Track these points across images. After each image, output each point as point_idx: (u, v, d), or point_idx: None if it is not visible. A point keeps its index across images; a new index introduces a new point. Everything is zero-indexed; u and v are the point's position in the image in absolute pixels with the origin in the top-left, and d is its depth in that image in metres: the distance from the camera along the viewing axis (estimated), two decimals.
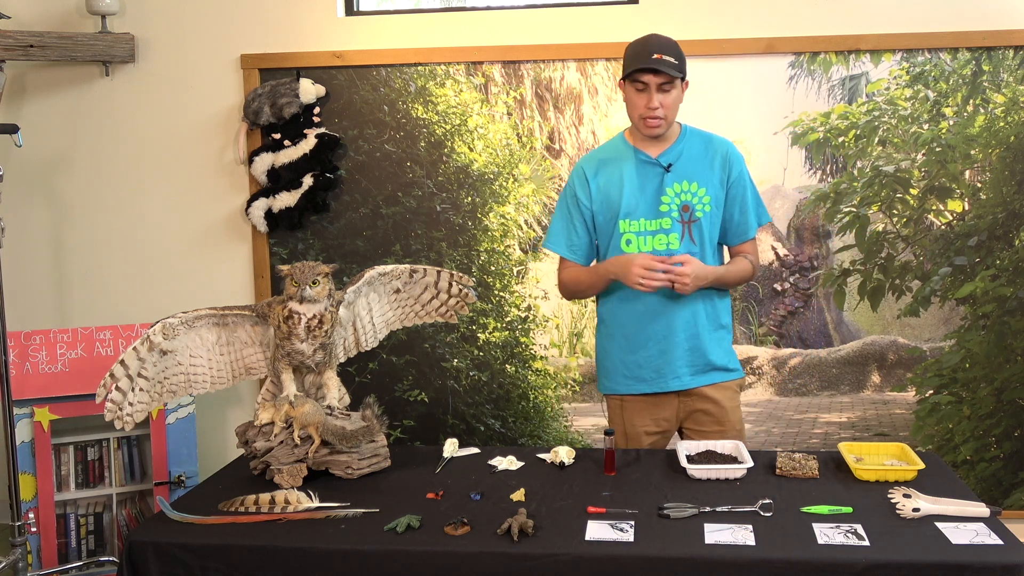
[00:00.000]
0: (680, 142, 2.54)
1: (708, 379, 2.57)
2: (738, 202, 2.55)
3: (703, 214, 2.50)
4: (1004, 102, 3.30)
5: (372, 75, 3.49)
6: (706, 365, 2.56)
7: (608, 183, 2.55)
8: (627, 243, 2.52)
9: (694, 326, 2.53)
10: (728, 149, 2.56)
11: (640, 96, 2.44)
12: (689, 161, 2.52)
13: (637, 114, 2.47)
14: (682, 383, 2.55)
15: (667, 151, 2.53)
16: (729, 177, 2.54)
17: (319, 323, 2.28)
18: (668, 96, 2.44)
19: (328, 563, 1.87)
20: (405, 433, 3.59)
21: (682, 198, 2.50)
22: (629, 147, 2.57)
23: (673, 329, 2.52)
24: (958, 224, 3.37)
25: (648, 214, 2.51)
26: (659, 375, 2.55)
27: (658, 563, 1.79)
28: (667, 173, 2.50)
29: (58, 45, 3.40)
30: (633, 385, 2.58)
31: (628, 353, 2.57)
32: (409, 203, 3.53)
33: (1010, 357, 3.37)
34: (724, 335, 2.61)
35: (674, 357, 2.53)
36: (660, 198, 2.50)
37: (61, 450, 3.21)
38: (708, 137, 2.58)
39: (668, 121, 2.48)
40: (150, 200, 3.65)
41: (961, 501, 1.96)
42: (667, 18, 3.38)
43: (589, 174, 2.58)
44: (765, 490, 2.09)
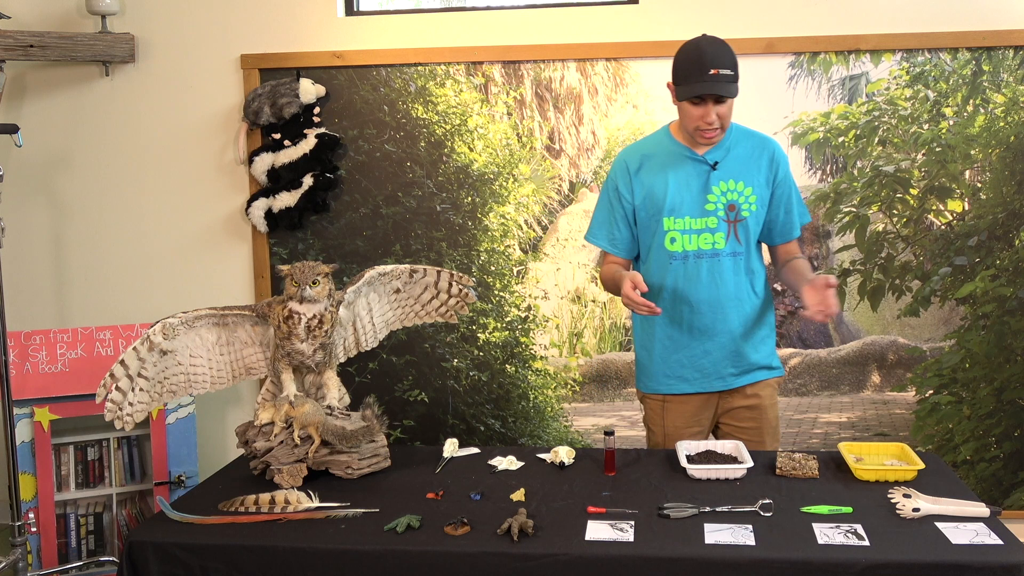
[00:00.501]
0: (727, 140, 2.50)
1: (750, 378, 2.55)
2: (783, 202, 2.53)
3: (749, 213, 2.47)
4: (1004, 102, 3.30)
5: (372, 75, 3.49)
6: (749, 365, 2.54)
7: (652, 178, 2.51)
8: (671, 241, 2.50)
9: (739, 326, 2.51)
10: (774, 149, 2.53)
11: (696, 108, 2.39)
12: (736, 160, 2.49)
13: (693, 125, 2.42)
14: (725, 383, 2.54)
15: (714, 149, 2.49)
16: (775, 177, 2.51)
17: (319, 323, 2.28)
18: (724, 106, 2.39)
19: (328, 563, 1.87)
20: (405, 433, 3.59)
21: (728, 197, 2.47)
22: (674, 143, 2.53)
23: (717, 330, 2.50)
24: (958, 224, 3.37)
25: (693, 212, 2.48)
26: (702, 375, 2.53)
27: (658, 563, 1.79)
28: (713, 171, 2.47)
29: (58, 45, 3.40)
30: (675, 385, 2.56)
31: (671, 352, 2.55)
32: (409, 203, 3.53)
33: (1010, 357, 3.37)
34: (768, 334, 2.58)
35: (718, 357, 2.52)
36: (706, 196, 2.47)
37: (61, 450, 3.21)
38: (755, 136, 2.55)
39: (724, 129, 2.44)
40: (150, 200, 3.65)
41: (961, 501, 1.96)
42: (667, 18, 3.38)
43: (632, 168, 2.54)
44: (765, 490, 2.09)
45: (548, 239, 3.53)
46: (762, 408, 2.56)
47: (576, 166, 3.50)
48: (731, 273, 2.49)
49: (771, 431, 2.56)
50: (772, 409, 2.59)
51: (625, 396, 3.55)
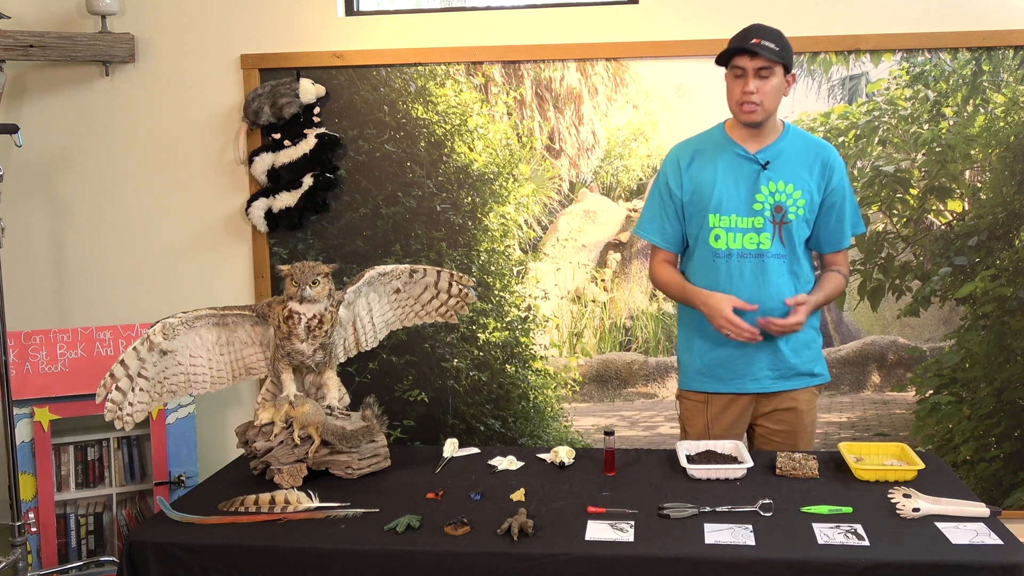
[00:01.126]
0: (781, 140, 2.48)
1: (789, 384, 2.52)
2: (835, 210, 2.49)
3: (795, 217, 2.44)
4: (1004, 102, 3.30)
5: (372, 75, 3.49)
6: (788, 369, 2.51)
7: (701, 173, 2.50)
8: (716, 238, 2.47)
9: None
10: (830, 154, 2.49)
11: (737, 82, 2.40)
12: (787, 161, 2.46)
13: (734, 100, 2.41)
14: (760, 386, 2.52)
15: (766, 148, 2.47)
16: (828, 184, 2.48)
17: (319, 323, 2.28)
18: (766, 83, 2.37)
19: (328, 563, 1.87)
20: (405, 433, 3.59)
21: (776, 198, 2.44)
22: (727, 139, 2.51)
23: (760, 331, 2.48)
24: (958, 224, 3.37)
25: (740, 211, 2.45)
26: (737, 376, 2.52)
27: (658, 563, 1.79)
28: (763, 171, 2.45)
29: (58, 45, 3.40)
30: (709, 384, 2.55)
31: (708, 351, 2.54)
32: (409, 203, 3.53)
33: (1010, 357, 3.37)
34: (812, 339, 2.55)
35: (755, 359, 2.49)
36: (754, 195, 2.45)
37: (61, 450, 3.21)
38: (811, 140, 2.53)
39: (766, 109, 2.40)
40: (150, 200, 3.65)
41: (961, 501, 1.96)
42: (667, 18, 3.38)
43: (683, 163, 2.53)
44: (765, 490, 2.09)
45: (548, 239, 3.53)
46: (798, 412, 2.53)
47: (576, 166, 3.50)
48: (775, 275, 2.46)
49: (806, 437, 2.53)
50: (810, 414, 2.56)
51: (625, 396, 3.55)
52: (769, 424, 2.56)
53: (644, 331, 3.54)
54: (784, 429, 2.54)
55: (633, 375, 3.55)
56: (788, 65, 2.41)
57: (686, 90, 3.39)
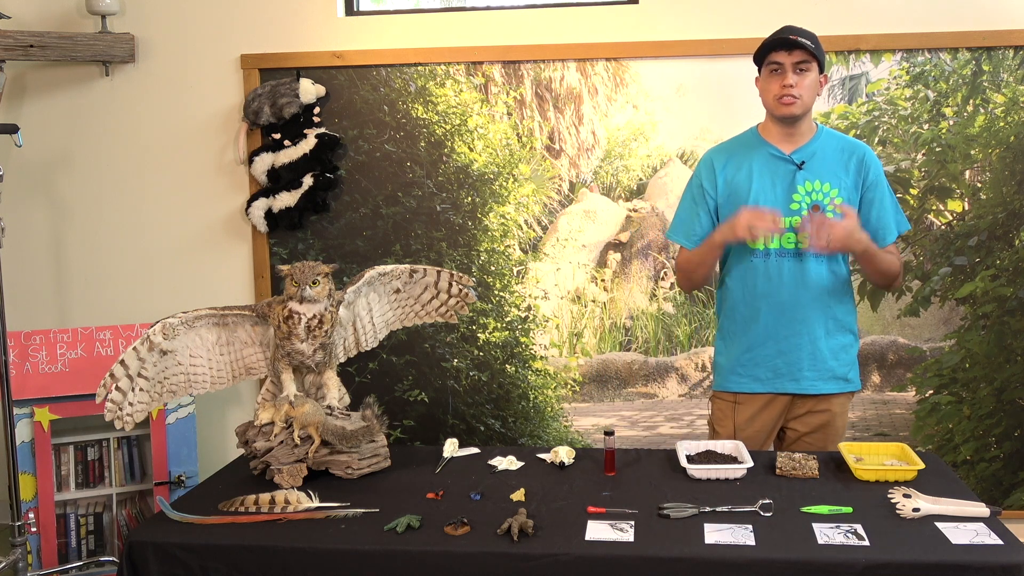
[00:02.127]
0: (815, 141, 2.49)
1: (825, 388, 2.52)
2: (875, 206, 2.49)
3: (833, 215, 2.43)
4: (1004, 102, 3.30)
5: (372, 75, 3.49)
6: (826, 371, 2.51)
7: (736, 176, 2.51)
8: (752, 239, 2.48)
9: (819, 329, 2.49)
10: (864, 152, 2.50)
11: (775, 78, 2.42)
12: (823, 161, 2.47)
13: (772, 95, 2.43)
14: (799, 386, 2.51)
15: (801, 148, 2.48)
16: (865, 181, 2.48)
17: (319, 323, 2.28)
18: (804, 78, 2.40)
19: (328, 563, 1.87)
20: (405, 433, 3.59)
21: (813, 197, 2.45)
22: (761, 141, 2.52)
23: (798, 330, 2.48)
24: (958, 224, 3.37)
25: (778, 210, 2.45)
26: (776, 375, 2.51)
27: (658, 563, 1.79)
28: (799, 171, 2.46)
29: (58, 45, 3.40)
30: (746, 383, 2.55)
31: (745, 350, 2.54)
32: (409, 203, 3.53)
33: (1010, 357, 3.37)
34: (850, 344, 2.55)
35: (794, 359, 2.49)
36: (791, 195, 2.46)
37: (61, 450, 3.21)
38: (845, 139, 2.54)
39: (804, 103, 2.42)
40: (150, 200, 3.65)
41: (961, 501, 1.96)
42: (667, 18, 3.38)
43: (718, 166, 2.55)
44: (765, 490, 2.09)
45: (548, 239, 3.53)
46: (831, 416, 2.53)
47: (576, 166, 3.50)
48: (813, 274, 2.47)
49: (835, 441, 2.52)
50: (841, 418, 2.56)
51: (625, 396, 3.55)
52: (799, 427, 2.56)
53: (644, 331, 3.54)
54: (815, 432, 2.53)
55: (633, 375, 3.55)
56: (822, 64, 2.44)
57: (686, 90, 3.39)
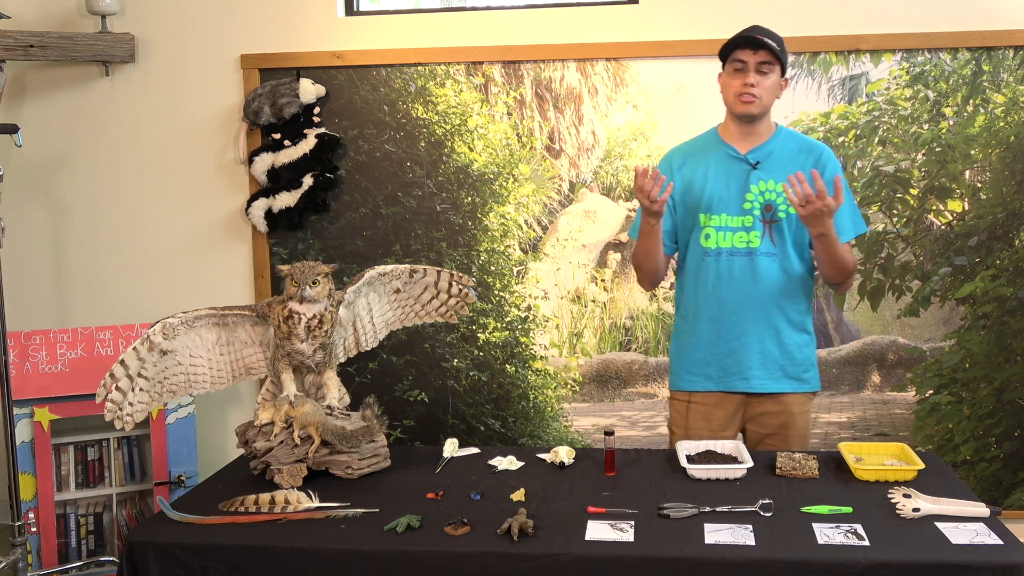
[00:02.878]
0: (772, 141, 2.50)
1: (776, 387, 2.51)
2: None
3: (785, 215, 2.45)
4: (1004, 102, 3.30)
5: (372, 75, 3.49)
6: (776, 371, 2.51)
7: (692, 175, 2.52)
8: (706, 237, 2.49)
9: (770, 329, 2.49)
10: (822, 152, 2.51)
11: (737, 76, 2.43)
12: (778, 161, 2.48)
13: (732, 93, 2.44)
14: (748, 385, 2.51)
15: (757, 148, 2.49)
16: None
17: (319, 323, 2.28)
18: (766, 78, 2.41)
19: (328, 563, 1.87)
20: (405, 433, 3.59)
21: (766, 197, 2.46)
22: (719, 141, 2.54)
23: (746, 329, 2.49)
24: (958, 224, 3.37)
25: (731, 210, 2.47)
26: (726, 374, 2.52)
27: (658, 563, 1.79)
28: (754, 170, 2.47)
29: (58, 45, 3.40)
30: (698, 382, 2.55)
31: (697, 350, 2.54)
32: (409, 203, 3.53)
33: (1010, 357, 3.37)
34: (804, 344, 2.54)
35: (744, 358, 2.50)
36: (744, 195, 2.47)
37: (61, 450, 3.21)
38: (804, 140, 2.55)
39: (763, 103, 2.43)
40: (150, 200, 3.65)
41: (961, 501, 1.96)
42: (667, 18, 3.38)
43: (675, 165, 2.57)
44: (765, 490, 2.09)
45: (548, 239, 3.53)
46: (790, 416, 2.52)
47: (576, 166, 3.50)
48: (765, 274, 2.47)
49: (799, 440, 2.52)
50: (802, 418, 2.55)
51: (625, 396, 3.55)
52: (757, 428, 2.56)
53: (644, 331, 3.54)
54: (775, 433, 2.52)
55: (633, 375, 3.55)
56: (785, 67, 2.45)
57: (686, 90, 3.39)
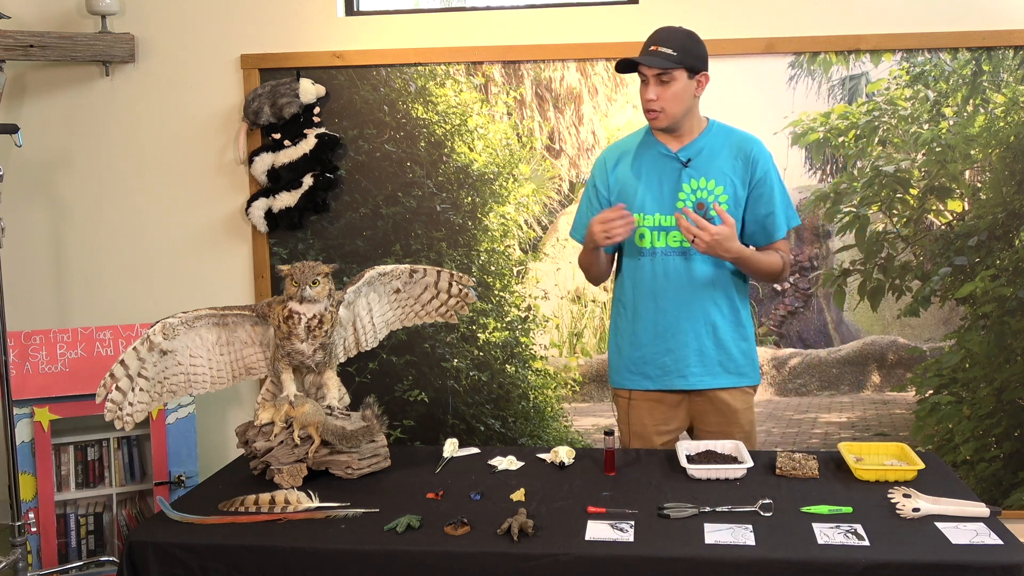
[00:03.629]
0: (703, 137, 2.50)
1: (716, 382, 2.52)
2: (764, 201, 2.49)
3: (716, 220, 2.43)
4: (1004, 102, 3.30)
5: (372, 75, 3.49)
6: (716, 367, 2.51)
7: (626, 175, 2.53)
8: (641, 237, 2.50)
9: (706, 326, 2.50)
10: (753, 147, 2.50)
11: (643, 88, 2.44)
12: (709, 158, 2.48)
13: (643, 106, 2.46)
14: (687, 383, 2.52)
15: (688, 146, 2.49)
16: (753, 176, 2.48)
17: (319, 323, 2.28)
18: (667, 88, 2.41)
19: (328, 563, 1.87)
20: (405, 433, 3.59)
21: (698, 195, 2.46)
22: (652, 140, 2.54)
23: (683, 328, 2.49)
24: (958, 224, 3.37)
25: (663, 209, 2.48)
26: (664, 372, 2.53)
27: (658, 563, 1.79)
28: (685, 168, 2.47)
29: (58, 45, 3.40)
30: (638, 381, 2.56)
31: (635, 348, 2.55)
32: (409, 203, 3.53)
33: (1010, 357, 3.37)
34: (740, 338, 2.54)
35: (681, 356, 2.50)
36: (676, 194, 2.47)
37: (61, 450, 3.21)
38: (735, 134, 2.54)
39: (669, 114, 2.43)
40: (150, 200, 3.65)
41: (961, 501, 1.96)
42: (667, 18, 3.35)
43: (609, 164, 2.57)
44: (765, 490, 2.09)
45: (548, 239, 3.53)
46: (733, 412, 2.53)
47: (576, 166, 3.50)
48: (699, 272, 2.48)
49: (744, 438, 2.51)
50: (746, 414, 2.55)
51: None
52: (702, 426, 2.57)
53: None
54: (718, 431, 2.52)
55: None
56: (692, 67, 2.42)
57: None
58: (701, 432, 2.58)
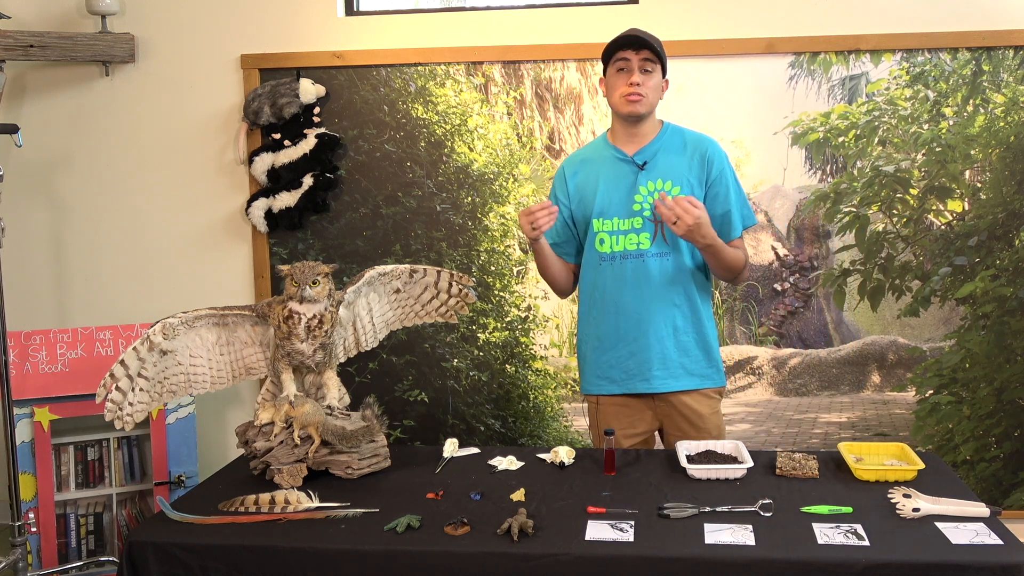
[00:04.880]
0: (658, 140, 2.52)
1: (679, 384, 2.51)
2: (720, 200, 2.49)
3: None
4: (1004, 102, 3.30)
5: (372, 75, 3.49)
6: (679, 369, 2.51)
7: (584, 182, 2.55)
8: (600, 242, 2.51)
9: (667, 328, 2.49)
10: (708, 147, 2.51)
11: (621, 76, 2.45)
12: (665, 159, 2.49)
13: (618, 93, 2.46)
14: (650, 386, 2.51)
15: (643, 149, 2.51)
16: (709, 176, 2.49)
17: (319, 323, 2.28)
18: (649, 77, 2.43)
19: (328, 563, 1.87)
20: (405, 433, 3.59)
21: (655, 197, 2.45)
22: (608, 146, 2.57)
23: (645, 330, 2.49)
24: (958, 224, 3.37)
25: (621, 213, 2.49)
26: (628, 376, 2.53)
27: (658, 563, 1.79)
28: (641, 171, 2.48)
29: (58, 45, 3.40)
30: (604, 385, 2.56)
31: (600, 353, 2.55)
32: (409, 203, 3.53)
33: (1010, 357, 3.37)
34: (700, 340, 2.53)
35: (644, 359, 2.50)
36: (633, 196, 2.48)
37: (61, 450, 3.21)
38: (688, 135, 2.55)
39: (649, 103, 2.45)
40: (150, 200, 3.65)
41: (961, 501, 1.96)
42: (667, 18, 3.38)
43: (568, 173, 2.60)
44: (765, 490, 2.09)
45: None
46: (699, 416, 2.52)
47: None
48: (657, 274, 2.48)
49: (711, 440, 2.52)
50: (712, 418, 2.55)
51: None
52: (671, 430, 2.56)
53: None
54: (686, 433, 2.51)
55: None
56: (665, 68, 2.48)
57: (686, 90, 3.39)
58: (669, 435, 2.57)
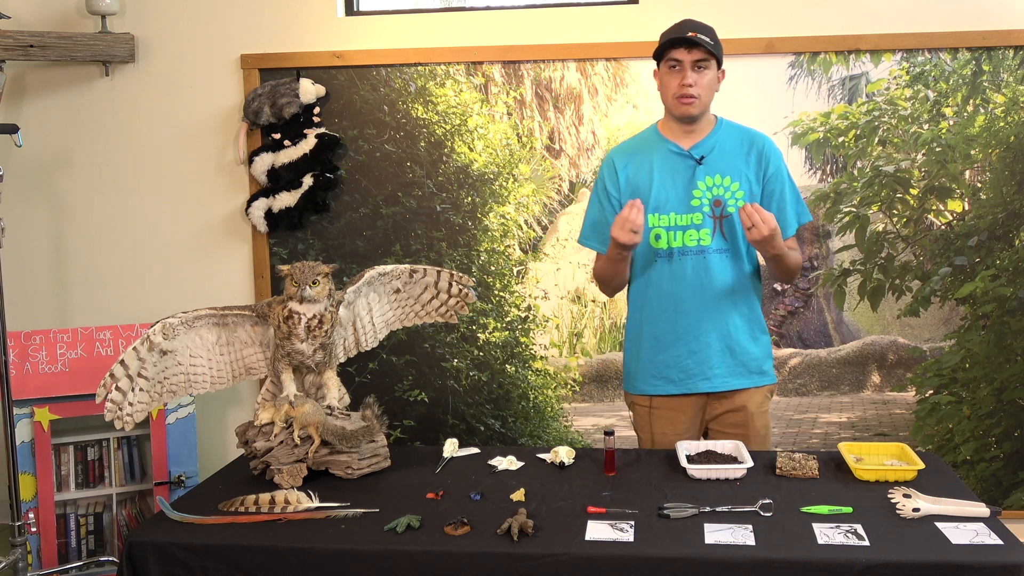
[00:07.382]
0: (714, 135, 2.49)
1: (738, 383, 2.51)
2: (775, 198, 2.48)
3: (735, 210, 2.42)
4: (1004, 102, 3.30)
5: (372, 75, 3.49)
6: (738, 367, 2.50)
7: (637, 175, 2.50)
8: (656, 238, 2.47)
9: (727, 326, 2.48)
10: (765, 143, 2.50)
11: (674, 75, 2.41)
12: (722, 154, 2.46)
13: (670, 94, 2.42)
14: (711, 384, 2.50)
15: (700, 143, 2.47)
16: (766, 173, 2.47)
17: (319, 323, 2.28)
18: (703, 76, 2.39)
19: (328, 563, 1.87)
20: (405, 433, 3.59)
21: (714, 192, 2.44)
22: (661, 138, 2.51)
23: (704, 329, 2.47)
24: (958, 224, 3.37)
25: (679, 208, 2.45)
26: (688, 376, 2.50)
27: (658, 563, 1.79)
28: (699, 166, 2.45)
29: (58, 45, 3.40)
30: (660, 385, 2.53)
31: (657, 352, 2.52)
32: (409, 203, 3.53)
33: (1010, 357, 3.37)
34: (760, 337, 2.54)
35: (704, 358, 2.49)
36: (691, 192, 2.45)
37: (61, 450, 3.21)
38: (744, 131, 2.53)
39: (703, 103, 2.41)
40: (150, 200, 3.65)
41: (961, 501, 1.96)
42: (667, 18, 3.34)
43: (619, 165, 2.53)
44: (765, 490, 2.09)
45: (548, 239, 3.53)
46: (749, 414, 2.52)
47: (576, 166, 3.50)
48: (718, 271, 2.47)
49: (759, 439, 2.52)
50: (761, 417, 2.55)
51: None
52: (718, 427, 2.55)
53: None
54: (736, 432, 2.51)
55: None
56: (720, 60, 2.44)
57: None
58: (716, 435, 2.55)
